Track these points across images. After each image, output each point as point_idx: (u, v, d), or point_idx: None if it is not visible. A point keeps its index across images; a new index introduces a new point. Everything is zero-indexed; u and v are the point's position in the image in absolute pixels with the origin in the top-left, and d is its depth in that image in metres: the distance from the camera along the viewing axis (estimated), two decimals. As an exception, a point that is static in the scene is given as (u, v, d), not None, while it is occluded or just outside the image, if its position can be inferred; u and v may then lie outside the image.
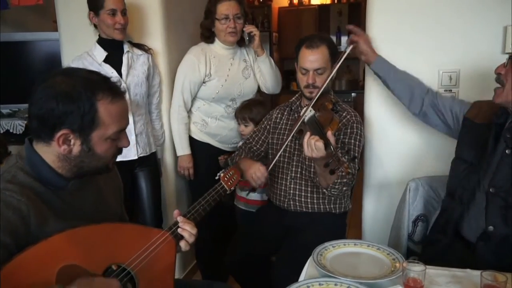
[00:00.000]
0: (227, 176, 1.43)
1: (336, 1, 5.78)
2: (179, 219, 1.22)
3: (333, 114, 1.60)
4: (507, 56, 1.35)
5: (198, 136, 2.24)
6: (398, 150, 1.93)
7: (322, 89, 1.68)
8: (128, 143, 1.11)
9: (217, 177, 1.43)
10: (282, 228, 1.80)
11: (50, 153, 1.03)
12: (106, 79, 1.06)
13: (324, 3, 5.81)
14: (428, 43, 1.79)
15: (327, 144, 1.38)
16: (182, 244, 1.22)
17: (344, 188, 1.64)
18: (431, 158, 1.85)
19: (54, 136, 1.00)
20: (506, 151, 1.32)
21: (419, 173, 1.76)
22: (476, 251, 1.35)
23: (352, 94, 5.40)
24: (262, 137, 1.96)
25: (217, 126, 2.23)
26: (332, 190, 1.63)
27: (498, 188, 1.32)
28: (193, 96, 2.18)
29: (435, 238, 1.47)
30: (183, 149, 2.20)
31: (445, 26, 1.77)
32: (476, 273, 1.13)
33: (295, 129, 1.65)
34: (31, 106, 1.00)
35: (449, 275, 1.18)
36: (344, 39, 5.82)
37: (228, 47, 2.16)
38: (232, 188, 1.43)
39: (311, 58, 1.72)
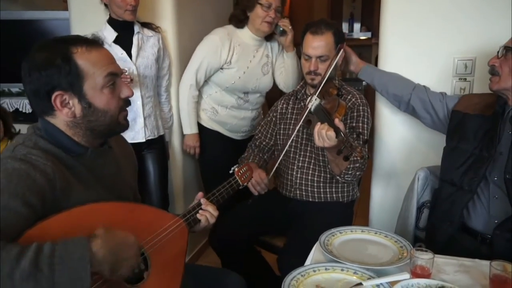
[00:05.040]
0: (241, 171, 1.46)
1: (349, -13, 5.66)
2: (203, 201, 1.26)
3: (338, 99, 1.57)
4: None
5: (208, 123, 2.22)
6: (408, 139, 1.90)
7: (326, 77, 1.63)
8: (132, 92, 1.09)
9: (231, 171, 1.46)
10: (284, 215, 1.79)
11: (59, 124, 1.04)
12: (81, 36, 1.06)
13: (337, -12, 5.70)
14: (444, 29, 1.75)
15: (337, 131, 1.37)
16: (202, 219, 1.24)
17: (358, 173, 1.63)
18: (440, 148, 1.81)
19: (52, 105, 1.01)
20: None
21: (428, 162, 1.73)
22: (492, 241, 1.35)
23: (363, 82, 5.30)
24: (270, 130, 1.93)
25: (227, 115, 2.21)
26: (346, 176, 1.62)
27: None
28: (207, 78, 2.14)
29: (439, 227, 1.48)
30: (191, 128, 2.18)
31: (461, 13, 1.72)
32: (485, 262, 1.13)
33: (302, 119, 1.62)
34: (24, 85, 1.02)
35: (457, 264, 1.17)
36: (357, 26, 5.71)
37: (256, 37, 2.11)
38: (245, 184, 1.48)
39: (315, 45, 1.70)
